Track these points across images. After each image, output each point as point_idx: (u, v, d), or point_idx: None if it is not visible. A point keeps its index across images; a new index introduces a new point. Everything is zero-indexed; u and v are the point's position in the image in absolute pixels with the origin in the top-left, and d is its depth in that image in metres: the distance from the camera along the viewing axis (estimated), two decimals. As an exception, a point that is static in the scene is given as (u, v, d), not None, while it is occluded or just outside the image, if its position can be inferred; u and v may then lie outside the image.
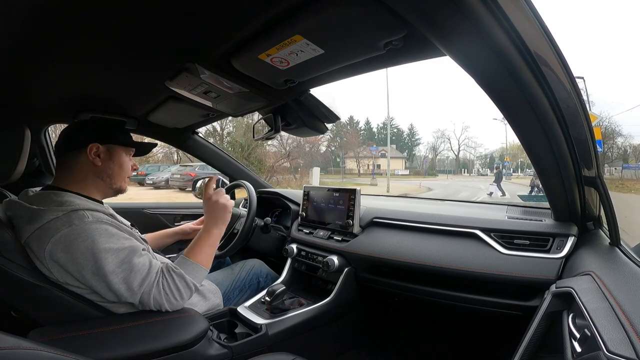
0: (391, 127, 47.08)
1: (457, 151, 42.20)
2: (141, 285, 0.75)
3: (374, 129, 47.78)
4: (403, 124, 63.73)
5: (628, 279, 0.60)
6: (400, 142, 45.89)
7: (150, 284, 0.76)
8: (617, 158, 24.45)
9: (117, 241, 0.75)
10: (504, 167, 37.22)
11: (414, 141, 46.63)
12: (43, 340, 0.65)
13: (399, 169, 38.18)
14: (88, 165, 0.84)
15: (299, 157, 20.26)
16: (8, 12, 0.56)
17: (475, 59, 0.56)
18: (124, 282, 0.73)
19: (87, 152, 0.83)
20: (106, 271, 0.71)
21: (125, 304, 0.78)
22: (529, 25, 0.51)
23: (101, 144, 0.85)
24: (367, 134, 46.09)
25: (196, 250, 0.90)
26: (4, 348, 0.34)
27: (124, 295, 0.74)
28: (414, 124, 60.90)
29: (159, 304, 0.77)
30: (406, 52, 0.67)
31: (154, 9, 0.57)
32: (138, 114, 1.18)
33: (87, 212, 0.75)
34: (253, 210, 1.25)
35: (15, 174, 0.86)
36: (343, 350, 1.23)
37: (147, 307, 0.77)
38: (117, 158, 0.88)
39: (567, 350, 0.51)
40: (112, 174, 0.87)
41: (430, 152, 43.87)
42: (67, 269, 0.71)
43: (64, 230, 0.71)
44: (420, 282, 1.03)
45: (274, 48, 0.65)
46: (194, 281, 0.83)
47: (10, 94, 0.95)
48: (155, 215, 1.71)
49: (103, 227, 0.74)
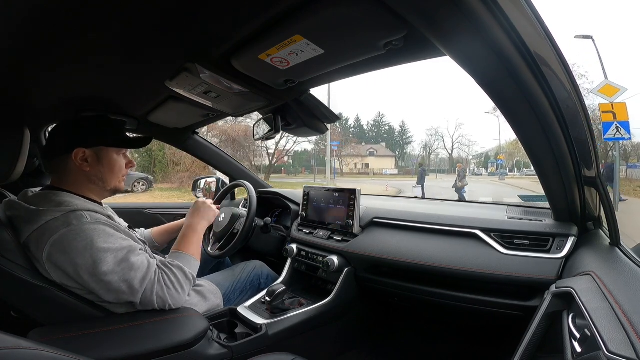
0: (382, 125, 46.13)
1: (451, 150, 40.49)
2: (142, 283, 0.75)
3: (364, 127, 46.76)
4: (395, 122, 62.15)
5: (628, 279, 0.60)
6: (391, 140, 44.81)
7: (151, 281, 0.76)
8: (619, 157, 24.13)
9: (115, 241, 0.74)
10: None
11: (405, 139, 45.39)
12: (43, 340, 0.65)
13: (387, 169, 36.73)
14: (77, 170, 0.81)
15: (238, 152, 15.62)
16: (8, 12, 0.56)
17: (475, 59, 0.56)
18: (124, 281, 0.73)
19: (73, 158, 0.80)
20: (105, 271, 0.71)
21: (125, 304, 0.78)
22: (529, 25, 0.51)
23: (87, 147, 0.81)
24: (358, 132, 45.02)
25: (186, 244, 0.92)
26: (3, 348, 0.34)
27: (125, 294, 0.74)
28: (406, 122, 59.75)
29: (162, 301, 0.77)
30: (406, 52, 0.67)
31: (154, 9, 0.57)
32: (138, 114, 1.18)
33: (85, 212, 0.75)
34: (253, 210, 1.25)
35: (15, 174, 0.86)
36: (343, 350, 1.23)
37: (150, 305, 0.77)
38: (107, 160, 0.85)
39: (567, 351, 0.51)
40: (104, 177, 0.85)
41: (423, 150, 42.31)
42: (65, 270, 0.71)
43: (62, 230, 0.70)
44: (420, 282, 1.03)
45: (274, 48, 0.65)
46: (191, 272, 0.84)
47: (10, 94, 0.95)
48: (154, 215, 1.71)
49: (101, 228, 0.74)
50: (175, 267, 0.82)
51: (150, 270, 0.77)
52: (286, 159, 33.45)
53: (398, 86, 66.67)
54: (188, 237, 0.95)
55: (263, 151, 18.82)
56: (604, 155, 14.82)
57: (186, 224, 1.00)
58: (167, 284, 0.78)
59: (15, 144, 0.84)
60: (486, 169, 34.18)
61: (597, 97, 6.51)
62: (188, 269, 0.84)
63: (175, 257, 0.88)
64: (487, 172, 32.21)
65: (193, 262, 0.89)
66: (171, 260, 0.84)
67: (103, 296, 0.74)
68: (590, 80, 15.48)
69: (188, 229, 0.98)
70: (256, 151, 18.32)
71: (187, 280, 0.83)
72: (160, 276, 0.78)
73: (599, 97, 6.33)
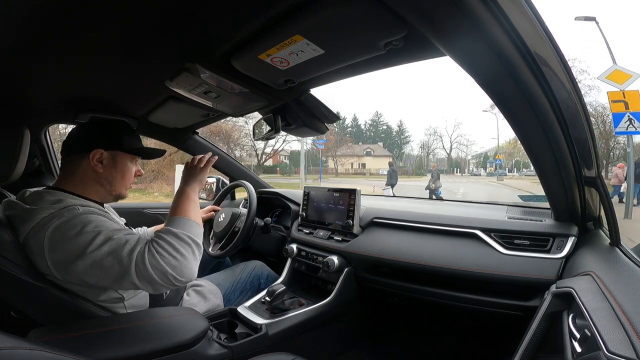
0: (380, 125, 45.02)
1: (449, 149, 39.78)
2: (130, 255, 0.68)
3: (362, 126, 45.84)
4: (392, 121, 60.60)
5: (628, 279, 0.60)
6: (389, 139, 43.99)
7: (141, 252, 0.69)
8: (620, 157, 23.65)
9: (107, 225, 0.73)
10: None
11: (403, 139, 44.32)
12: (43, 340, 0.64)
13: (383, 169, 35.01)
14: (90, 170, 0.82)
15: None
16: (8, 12, 0.56)
17: (475, 59, 0.56)
18: (114, 257, 0.68)
19: (90, 157, 0.81)
20: (93, 249, 0.68)
21: (125, 304, 0.78)
22: (529, 25, 0.51)
23: (106, 150, 0.82)
24: (355, 132, 44.12)
25: (180, 208, 0.81)
26: (3, 348, 0.34)
27: (119, 273, 0.68)
28: (404, 121, 57.29)
29: (162, 272, 0.68)
30: (406, 52, 0.67)
31: (154, 9, 0.57)
32: (138, 114, 1.18)
33: (78, 206, 0.74)
34: (253, 210, 1.25)
35: (15, 174, 0.86)
36: (343, 350, 1.23)
37: (152, 281, 0.68)
38: (121, 166, 0.85)
39: (567, 351, 0.51)
40: (113, 181, 0.84)
41: (422, 150, 41.72)
42: (64, 261, 0.69)
43: (55, 223, 0.70)
44: (420, 282, 1.03)
45: (274, 48, 0.65)
46: (186, 233, 0.74)
47: (10, 94, 0.95)
48: (155, 215, 1.71)
49: (93, 217, 0.73)
50: (165, 232, 0.73)
51: (139, 242, 0.71)
52: (282, 158, 33.07)
53: (396, 85, 66.04)
54: (181, 201, 0.84)
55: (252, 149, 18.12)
56: (604, 155, 14.55)
57: (178, 190, 0.89)
58: (160, 252, 0.69)
59: (15, 144, 0.84)
60: (485, 169, 33.80)
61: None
62: (181, 231, 0.74)
63: (167, 223, 0.78)
64: (486, 172, 31.77)
65: (190, 223, 0.77)
66: (161, 230, 0.75)
67: (98, 281, 0.70)
68: (592, 76, 14.86)
69: (180, 194, 0.86)
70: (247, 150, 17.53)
71: (184, 244, 0.72)
72: (151, 245, 0.70)
73: (607, 86, 5.39)
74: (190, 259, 0.72)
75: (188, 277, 0.71)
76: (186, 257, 0.72)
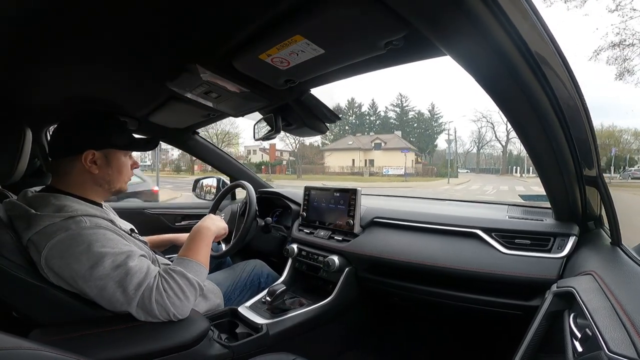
0: (405, 111, 34.63)
1: (505, 142, 27.22)
2: (138, 289, 0.69)
3: (381, 113, 36.15)
4: (423, 106, 46.28)
5: (629, 278, 0.60)
6: (417, 130, 32.48)
7: (149, 287, 0.70)
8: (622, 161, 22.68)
9: (114, 245, 0.71)
10: None
11: (435, 127, 32.82)
12: (44, 341, 0.64)
13: (390, 167, 26.51)
14: (85, 172, 0.80)
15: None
16: (8, 12, 0.56)
17: (475, 59, 0.56)
18: (119, 286, 0.68)
19: (82, 160, 0.78)
20: (100, 275, 0.67)
21: None
22: (530, 25, 0.51)
23: (97, 149, 0.80)
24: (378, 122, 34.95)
25: (192, 249, 0.85)
26: (4, 348, 0.34)
27: (119, 301, 0.69)
28: (437, 105, 43.82)
29: (165, 310, 0.71)
30: (407, 52, 0.67)
31: (154, 9, 0.57)
32: (139, 114, 1.18)
33: (85, 217, 0.72)
34: (253, 209, 1.26)
35: (16, 174, 0.86)
36: (343, 350, 1.23)
37: (152, 314, 0.71)
38: (116, 163, 0.83)
39: (568, 350, 0.51)
40: (111, 180, 0.83)
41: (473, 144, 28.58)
42: (62, 275, 0.69)
43: (60, 235, 0.69)
44: (421, 282, 1.03)
45: (275, 48, 0.65)
46: (196, 278, 0.77)
47: (11, 94, 0.95)
48: (156, 215, 1.71)
49: (100, 232, 0.72)
50: (177, 274, 0.75)
51: (148, 276, 0.71)
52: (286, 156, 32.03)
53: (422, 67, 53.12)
54: (195, 241, 0.88)
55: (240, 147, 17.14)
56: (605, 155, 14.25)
57: (195, 228, 0.92)
58: (168, 291, 0.72)
59: (16, 144, 0.84)
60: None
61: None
62: (192, 276, 0.77)
63: (179, 262, 0.81)
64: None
65: (199, 268, 0.81)
66: (173, 267, 0.78)
67: (95, 298, 0.70)
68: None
69: (196, 233, 0.90)
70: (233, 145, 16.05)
71: (192, 287, 0.76)
72: (160, 283, 0.72)
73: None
74: (192, 300, 0.76)
75: (184, 316, 0.75)
76: (189, 299, 0.75)
